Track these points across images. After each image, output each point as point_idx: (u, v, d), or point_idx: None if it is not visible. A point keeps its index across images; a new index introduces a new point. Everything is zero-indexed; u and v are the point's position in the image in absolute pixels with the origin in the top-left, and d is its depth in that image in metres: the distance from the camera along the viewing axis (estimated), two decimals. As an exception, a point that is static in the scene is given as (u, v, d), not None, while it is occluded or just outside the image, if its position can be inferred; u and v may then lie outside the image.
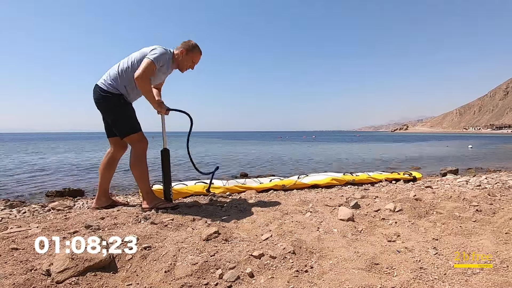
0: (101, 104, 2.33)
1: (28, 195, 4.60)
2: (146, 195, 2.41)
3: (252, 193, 3.21)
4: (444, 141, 31.26)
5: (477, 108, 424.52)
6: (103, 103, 2.32)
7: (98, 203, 2.55)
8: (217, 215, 2.25)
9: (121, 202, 2.72)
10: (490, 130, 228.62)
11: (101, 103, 2.33)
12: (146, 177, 2.43)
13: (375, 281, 1.27)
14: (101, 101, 2.32)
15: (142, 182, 2.41)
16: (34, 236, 1.70)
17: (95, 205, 2.55)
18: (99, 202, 2.55)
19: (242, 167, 8.44)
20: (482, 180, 4.25)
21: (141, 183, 2.42)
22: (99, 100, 2.33)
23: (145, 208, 2.37)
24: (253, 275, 1.34)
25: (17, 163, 9.73)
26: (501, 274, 1.34)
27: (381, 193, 3.06)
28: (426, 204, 2.40)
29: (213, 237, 1.69)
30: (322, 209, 2.38)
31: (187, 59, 2.44)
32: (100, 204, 2.54)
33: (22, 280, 1.22)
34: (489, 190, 3.04)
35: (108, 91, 2.29)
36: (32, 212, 2.64)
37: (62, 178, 6.55)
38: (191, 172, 6.80)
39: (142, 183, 2.41)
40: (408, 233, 1.84)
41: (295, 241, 1.62)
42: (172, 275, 1.31)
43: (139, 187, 2.49)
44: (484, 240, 1.69)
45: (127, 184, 5.40)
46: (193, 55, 2.45)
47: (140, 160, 2.38)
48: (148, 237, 1.67)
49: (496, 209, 2.28)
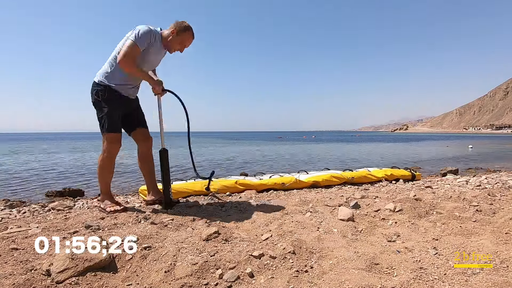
0: (92, 98, 2.30)
1: (28, 195, 4.60)
2: (102, 196, 2.42)
3: (252, 193, 3.21)
4: (444, 141, 31.26)
5: (477, 108, 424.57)
6: (92, 97, 2.28)
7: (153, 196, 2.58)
8: (217, 215, 2.26)
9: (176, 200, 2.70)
10: (490, 130, 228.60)
11: (92, 97, 2.30)
12: (107, 179, 2.40)
13: (375, 281, 1.27)
14: (91, 94, 2.29)
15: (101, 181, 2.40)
16: (34, 236, 1.70)
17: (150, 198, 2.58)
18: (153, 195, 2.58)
19: (242, 168, 8.43)
20: (482, 180, 4.25)
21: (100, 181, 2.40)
22: (91, 94, 2.29)
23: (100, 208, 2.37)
24: (253, 275, 1.34)
25: (17, 163, 9.73)
26: (501, 274, 1.34)
27: (381, 193, 3.06)
28: (426, 204, 2.40)
29: (213, 237, 1.69)
30: (322, 209, 2.38)
31: (177, 40, 2.30)
32: (156, 196, 2.57)
33: (22, 280, 1.22)
34: (489, 190, 3.04)
35: (99, 83, 2.25)
36: (32, 212, 2.64)
37: (62, 178, 6.55)
38: (189, 173, 6.80)
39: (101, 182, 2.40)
40: (408, 233, 1.84)
41: (295, 241, 1.62)
42: (172, 275, 1.31)
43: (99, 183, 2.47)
44: (484, 240, 1.69)
45: (127, 184, 5.40)
46: (184, 37, 2.31)
47: (108, 161, 2.34)
48: (148, 237, 1.67)
49: (496, 209, 2.28)
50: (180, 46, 2.36)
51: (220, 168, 8.38)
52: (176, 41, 2.31)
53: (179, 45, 2.35)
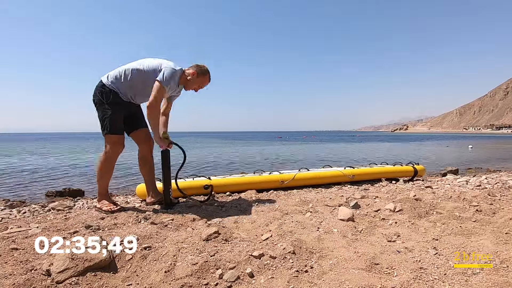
0: (94, 97, 2.34)
1: (28, 195, 4.60)
2: (99, 196, 2.44)
3: (252, 193, 3.20)
4: (444, 141, 31.25)
5: (477, 108, 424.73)
6: (96, 96, 2.32)
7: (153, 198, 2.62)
8: (217, 215, 2.26)
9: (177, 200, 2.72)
10: (490, 130, 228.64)
11: (95, 96, 2.33)
12: (105, 180, 2.42)
13: (375, 281, 1.27)
14: (95, 93, 2.33)
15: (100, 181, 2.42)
16: (34, 236, 1.70)
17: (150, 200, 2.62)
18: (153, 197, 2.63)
19: (243, 167, 8.44)
20: (482, 180, 4.26)
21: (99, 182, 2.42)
22: (95, 92, 2.33)
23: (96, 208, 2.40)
24: (253, 275, 1.34)
25: (17, 163, 9.73)
26: (501, 274, 1.34)
27: (381, 193, 3.06)
28: (426, 204, 2.40)
29: (213, 237, 1.69)
30: (322, 209, 2.38)
31: (197, 82, 2.45)
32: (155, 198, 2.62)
33: (22, 280, 1.22)
34: (489, 190, 3.04)
35: (106, 85, 2.30)
36: (32, 212, 2.64)
37: (62, 178, 6.55)
38: (187, 173, 6.81)
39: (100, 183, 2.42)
40: (408, 233, 1.84)
41: (295, 241, 1.62)
42: (172, 275, 1.31)
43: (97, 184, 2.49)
44: (484, 240, 1.69)
45: (127, 185, 5.40)
46: (203, 80, 2.47)
47: (108, 162, 2.37)
48: (148, 237, 1.67)
49: (496, 209, 2.29)
50: (197, 87, 2.50)
51: (220, 168, 8.39)
52: (196, 83, 2.46)
53: (197, 86, 2.49)
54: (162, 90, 2.23)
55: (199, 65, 2.46)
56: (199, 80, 2.45)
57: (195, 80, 2.43)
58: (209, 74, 2.49)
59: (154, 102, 2.21)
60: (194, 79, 2.43)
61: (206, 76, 2.48)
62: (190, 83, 2.45)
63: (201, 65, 2.46)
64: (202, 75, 2.45)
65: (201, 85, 2.50)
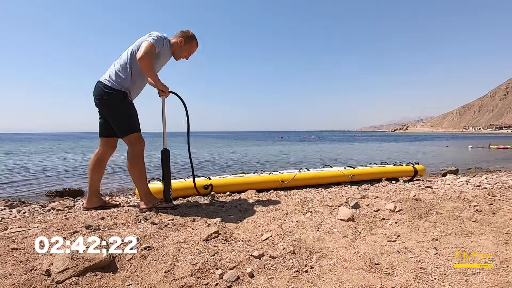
0: (103, 100, 2.28)
1: (28, 195, 4.60)
2: (144, 196, 2.40)
3: (252, 193, 3.21)
4: (444, 141, 31.25)
5: (477, 108, 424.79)
6: (106, 99, 2.27)
7: (89, 204, 2.52)
8: (217, 215, 2.26)
9: (113, 204, 2.65)
10: (490, 130, 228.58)
11: (104, 100, 2.28)
12: (144, 178, 2.42)
13: (375, 281, 1.27)
14: (104, 97, 2.26)
15: (140, 183, 2.40)
16: (34, 236, 1.70)
17: (86, 205, 2.53)
18: (91, 202, 2.53)
19: (242, 167, 8.44)
20: (482, 180, 4.26)
21: (139, 183, 2.40)
22: (102, 96, 2.27)
23: (143, 209, 2.36)
24: (253, 275, 1.34)
25: (17, 163, 9.73)
26: (501, 274, 1.34)
27: (381, 193, 3.06)
28: (426, 204, 2.40)
29: (213, 237, 1.69)
30: (322, 209, 2.38)
31: (185, 49, 2.45)
32: (91, 205, 2.52)
33: (22, 280, 1.22)
34: (489, 190, 3.04)
35: (112, 87, 2.24)
36: (32, 212, 2.64)
37: (62, 178, 6.55)
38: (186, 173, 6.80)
39: (140, 184, 2.40)
40: (408, 233, 1.84)
41: (295, 241, 1.62)
42: (172, 275, 1.31)
43: (137, 187, 2.48)
44: (484, 240, 1.69)
45: (126, 185, 5.40)
46: (191, 46, 2.47)
47: (138, 160, 2.36)
48: (148, 237, 1.67)
49: (496, 209, 2.29)
50: (187, 54, 2.50)
51: (219, 168, 8.39)
52: (185, 49, 2.45)
53: (187, 53, 2.49)
54: (151, 46, 2.18)
55: (184, 31, 2.45)
56: (187, 47, 2.44)
57: (183, 48, 2.43)
58: (196, 39, 2.47)
59: (143, 54, 2.14)
60: (183, 47, 2.42)
61: (193, 42, 2.47)
62: (179, 51, 2.44)
63: (185, 31, 2.45)
64: (189, 42, 2.44)
65: (190, 52, 2.49)
